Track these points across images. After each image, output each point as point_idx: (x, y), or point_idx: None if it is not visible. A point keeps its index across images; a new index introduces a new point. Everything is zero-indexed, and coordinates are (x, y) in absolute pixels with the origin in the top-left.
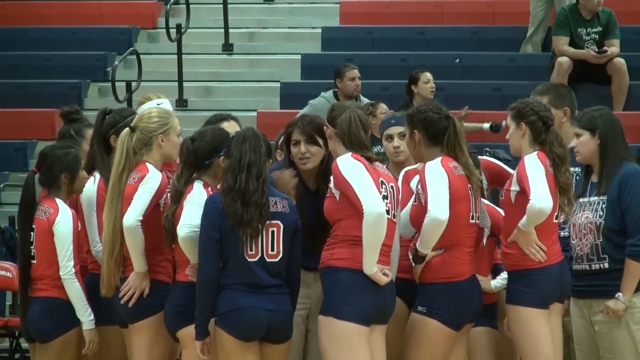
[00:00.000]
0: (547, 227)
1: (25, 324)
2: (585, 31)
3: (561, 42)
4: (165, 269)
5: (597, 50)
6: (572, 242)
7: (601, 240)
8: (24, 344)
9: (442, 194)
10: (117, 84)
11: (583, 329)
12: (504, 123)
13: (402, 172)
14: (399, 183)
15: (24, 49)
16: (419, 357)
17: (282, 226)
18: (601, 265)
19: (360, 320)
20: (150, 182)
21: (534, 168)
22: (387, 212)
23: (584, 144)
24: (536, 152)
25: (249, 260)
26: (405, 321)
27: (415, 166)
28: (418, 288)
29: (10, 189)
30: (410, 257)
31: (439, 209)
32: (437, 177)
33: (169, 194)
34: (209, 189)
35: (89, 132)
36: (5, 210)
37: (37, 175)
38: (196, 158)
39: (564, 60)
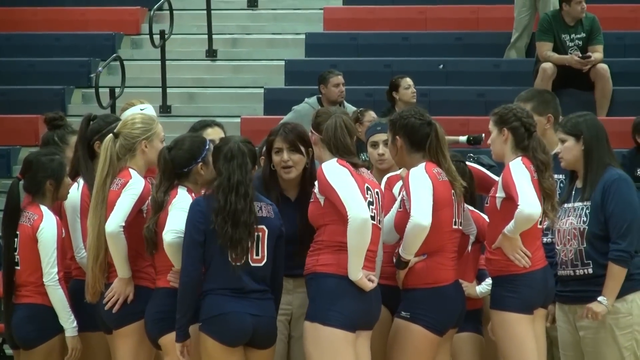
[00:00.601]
0: (531, 232)
1: (9, 330)
2: (569, 37)
3: (545, 48)
4: (149, 275)
5: (580, 55)
6: (557, 247)
7: (585, 245)
8: (8, 351)
9: (425, 199)
10: (100, 90)
11: (568, 334)
12: (484, 135)
13: (385, 178)
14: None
15: (8, 55)
16: None
17: (266, 231)
18: (585, 270)
19: (345, 326)
20: (133, 188)
21: (520, 174)
22: (372, 218)
23: (568, 149)
24: (520, 157)
25: (233, 264)
26: (388, 327)
27: (398, 172)
28: (401, 294)
29: None
30: (394, 262)
31: (421, 214)
32: (421, 183)
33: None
34: (193, 194)
35: (73, 139)
36: None
37: (21, 182)
38: (174, 166)
39: (547, 66)
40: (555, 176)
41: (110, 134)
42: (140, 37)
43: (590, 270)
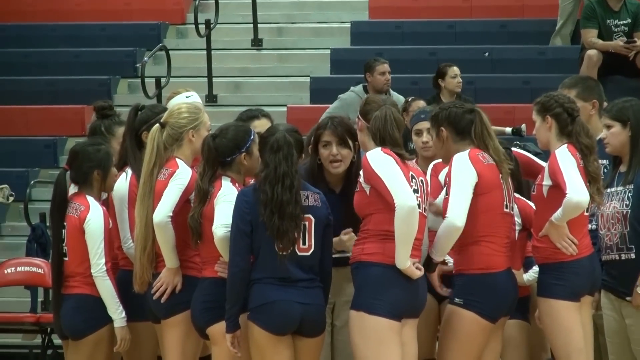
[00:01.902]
0: (578, 220)
1: (58, 320)
2: (614, 22)
3: (590, 35)
4: (196, 265)
5: (626, 40)
6: (600, 232)
7: (628, 229)
8: (57, 340)
9: (463, 200)
10: (146, 80)
11: (614, 321)
12: (523, 126)
13: (431, 165)
14: (428, 176)
15: (53, 45)
16: (455, 348)
17: (313, 220)
18: (629, 255)
19: (391, 314)
20: (180, 178)
21: (567, 161)
22: (418, 206)
23: (614, 135)
24: (566, 145)
25: (280, 254)
26: (434, 316)
27: None
28: (453, 279)
29: (40, 185)
30: (423, 264)
31: (456, 215)
32: (462, 174)
33: None
34: (237, 185)
35: (119, 130)
36: (36, 206)
37: (68, 173)
38: (217, 155)
39: (593, 53)
40: (600, 161)
41: (157, 124)
42: (186, 27)
43: (633, 255)
